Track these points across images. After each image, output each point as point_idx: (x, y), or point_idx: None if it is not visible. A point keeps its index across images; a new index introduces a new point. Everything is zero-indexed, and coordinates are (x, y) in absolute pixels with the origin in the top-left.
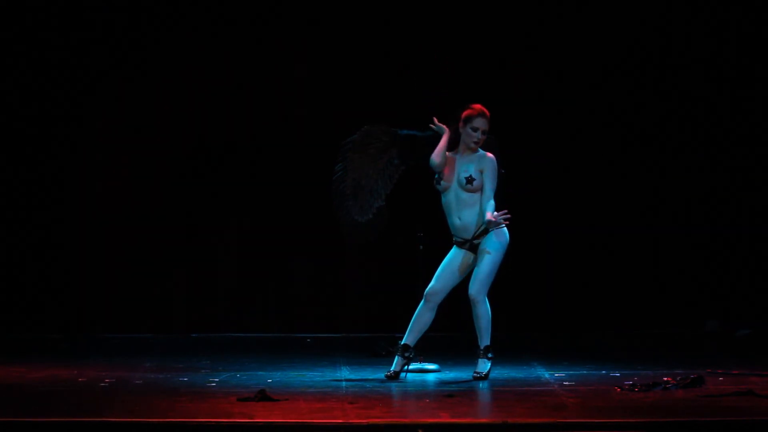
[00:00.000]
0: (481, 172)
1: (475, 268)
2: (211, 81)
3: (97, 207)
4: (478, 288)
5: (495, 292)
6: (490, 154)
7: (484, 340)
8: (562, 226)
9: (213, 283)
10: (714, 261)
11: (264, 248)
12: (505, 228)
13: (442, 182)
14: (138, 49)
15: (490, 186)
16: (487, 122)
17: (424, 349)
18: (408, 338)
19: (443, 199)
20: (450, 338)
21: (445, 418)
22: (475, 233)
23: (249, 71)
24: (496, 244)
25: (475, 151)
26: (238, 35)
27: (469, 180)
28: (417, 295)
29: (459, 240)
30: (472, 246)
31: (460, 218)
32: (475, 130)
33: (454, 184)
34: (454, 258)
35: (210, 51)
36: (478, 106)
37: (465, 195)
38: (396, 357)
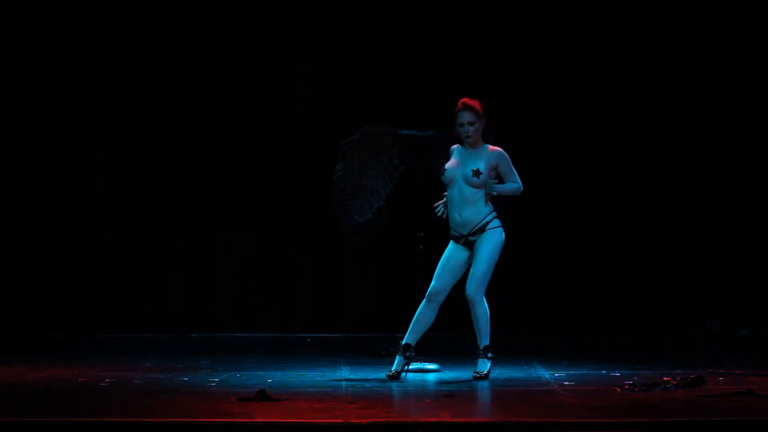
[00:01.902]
0: (496, 168)
1: (471, 268)
2: (211, 81)
3: (98, 207)
4: (475, 288)
5: (495, 292)
6: (496, 148)
7: (484, 340)
8: (561, 226)
9: (213, 283)
10: (714, 261)
11: (264, 248)
12: (501, 227)
13: (446, 173)
14: (138, 49)
15: (513, 177)
16: (471, 114)
17: (424, 349)
18: (409, 338)
19: (447, 193)
20: (450, 338)
21: (445, 418)
22: (471, 230)
23: (249, 71)
24: (491, 244)
25: (473, 146)
26: (238, 35)
27: (476, 173)
28: (417, 295)
29: (455, 234)
30: (468, 242)
31: (460, 215)
32: (460, 125)
33: (459, 179)
34: (451, 255)
35: (210, 51)
36: (462, 100)
37: (469, 191)
38: (397, 357)
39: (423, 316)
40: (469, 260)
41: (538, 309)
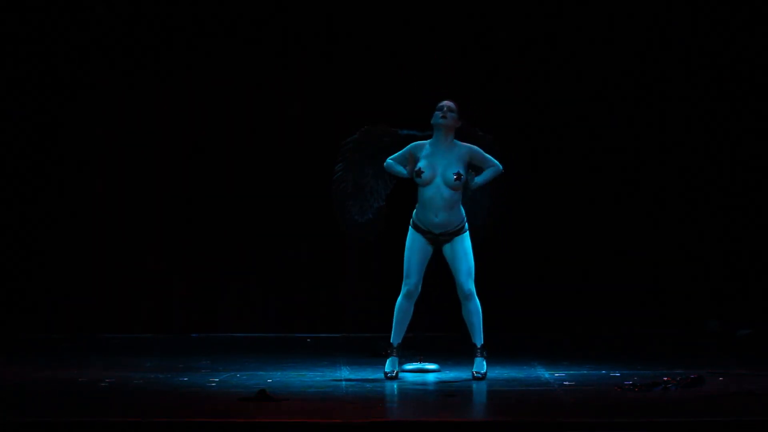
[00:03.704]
0: (470, 163)
1: (458, 265)
2: (211, 81)
3: (98, 207)
4: (471, 282)
5: (496, 292)
6: (466, 144)
7: (480, 338)
8: (561, 226)
9: (213, 283)
10: (714, 260)
11: (264, 248)
12: (466, 222)
13: (423, 175)
14: (138, 49)
15: (489, 162)
16: (452, 104)
17: (424, 349)
18: (396, 338)
19: (424, 193)
20: (450, 338)
21: (445, 418)
22: (444, 232)
23: (249, 71)
24: (466, 241)
25: (446, 134)
26: (238, 35)
27: (458, 177)
28: None
29: (424, 229)
30: (437, 241)
31: (437, 216)
32: (440, 108)
33: (438, 180)
34: (421, 249)
35: (210, 51)
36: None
37: (448, 194)
38: (389, 359)
39: (405, 313)
40: (432, 255)
41: (538, 309)
